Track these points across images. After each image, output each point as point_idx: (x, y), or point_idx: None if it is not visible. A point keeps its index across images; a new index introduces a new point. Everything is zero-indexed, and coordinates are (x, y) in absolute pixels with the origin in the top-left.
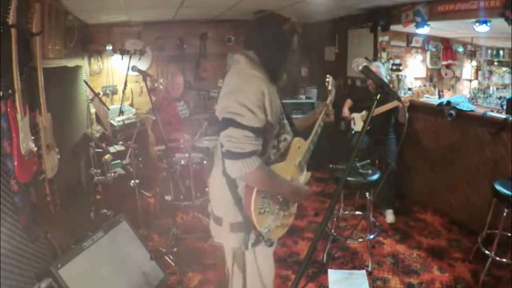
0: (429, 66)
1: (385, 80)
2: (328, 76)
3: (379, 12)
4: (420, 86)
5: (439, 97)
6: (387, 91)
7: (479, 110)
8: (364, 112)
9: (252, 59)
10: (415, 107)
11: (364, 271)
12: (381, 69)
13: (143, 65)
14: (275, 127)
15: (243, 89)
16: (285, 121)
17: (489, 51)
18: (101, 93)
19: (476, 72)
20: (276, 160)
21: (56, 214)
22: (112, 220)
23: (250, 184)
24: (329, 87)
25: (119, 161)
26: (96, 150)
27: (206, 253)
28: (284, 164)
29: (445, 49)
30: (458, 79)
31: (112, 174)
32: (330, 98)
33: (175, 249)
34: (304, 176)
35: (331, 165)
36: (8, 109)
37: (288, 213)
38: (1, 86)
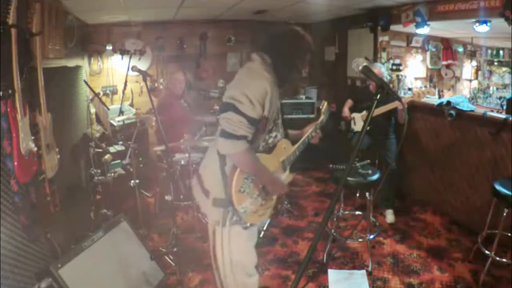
0: (429, 66)
1: (386, 80)
2: (323, 101)
3: (379, 12)
4: (420, 87)
5: (439, 97)
6: (387, 91)
7: (479, 110)
8: (364, 112)
9: (266, 61)
10: (415, 107)
11: (364, 271)
12: (384, 70)
13: (143, 65)
14: (270, 124)
15: (250, 83)
16: (279, 121)
17: (489, 51)
18: (101, 93)
19: (476, 72)
20: (263, 151)
21: (56, 214)
22: (112, 220)
23: (235, 163)
24: (322, 110)
25: (119, 161)
26: (96, 150)
27: (206, 253)
28: (269, 157)
29: (445, 49)
30: (458, 79)
31: (112, 174)
32: (322, 118)
33: (175, 249)
34: (287, 176)
35: (331, 165)
36: (8, 109)
37: (265, 203)
38: (1, 86)
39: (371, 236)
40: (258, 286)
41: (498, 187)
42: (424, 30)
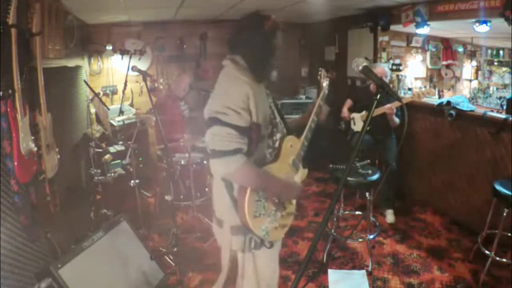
0: (429, 66)
1: (388, 80)
2: (320, 69)
3: (379, 12)
4: (420, 87)
5: (439, 97)
6: (387, 91)
7: (479, 110)
8: (364, 112)
9: (239, 63)
10: (415, 107)
11: (364, 271)
12: (387, 70)
13: (143, 65)
14: (266, 127)
15: (228, 92)
16: (277, 120)
17: (489, 51)
18: (101, 93)
19: (476, 72)
20: (272, 159)
21: (56, 214)
22: (112, 220)
23: (237, 182)
24: (321, 80)
25: (119, 161)
26: (96, 150)
27: (206, 253)
28: (277, 164)
29: (445, 49)
30: (458, 79)
31: (112, 174)
32: (323, 92)
33: (175, 249)
34: (301, 174)
35: (331, 165)
36: (8, 109)
37: (286, 213)
38: (1, 86)
39: (371, 236)
40: None
41: (498, 187)
42: (424, 30)
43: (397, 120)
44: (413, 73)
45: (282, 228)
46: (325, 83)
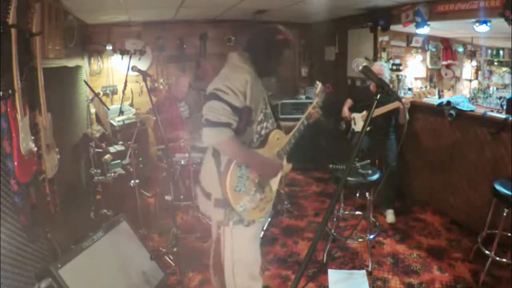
0: (429, 66)
1: (388, 80)
2: (317, 82)
3: (379, 12)
4: (420, 87)
5: (439, 97)
6: (387, 91)
7: (479, 110)
8: (364, 112)
9: (244, 56)
10: (416, 107)
11: (364, 271)
12: (385, 68)
13: (143, 65)
14: (256, 114)
15: (230, 76)
16: (269, 111)
17: (489, 51)
18: (101, 93)
19: (476, 72)
20: (256, 146)
21: (56, 214)
22: (112, 220)
23: (223, 152)
24: (317, 91)
25: (119, 161)
26: (96, 150)
27: (206, 253)
28: (263, 150)
29: (445, 49)
30: (458, 79)
31: (112, 174)
32: (317, 100)
33: (175, 249)
34: (285, 167)
35: (331, 165)
36: (8, 109)
37: (264, 197)
38: (1, 86)
39: (371, 236)
40: None
41: (498, 187)
42: (424, 30)
43: (407, 116)
44: (413, 73)
45: (260, 211)
46: (320, 95)
